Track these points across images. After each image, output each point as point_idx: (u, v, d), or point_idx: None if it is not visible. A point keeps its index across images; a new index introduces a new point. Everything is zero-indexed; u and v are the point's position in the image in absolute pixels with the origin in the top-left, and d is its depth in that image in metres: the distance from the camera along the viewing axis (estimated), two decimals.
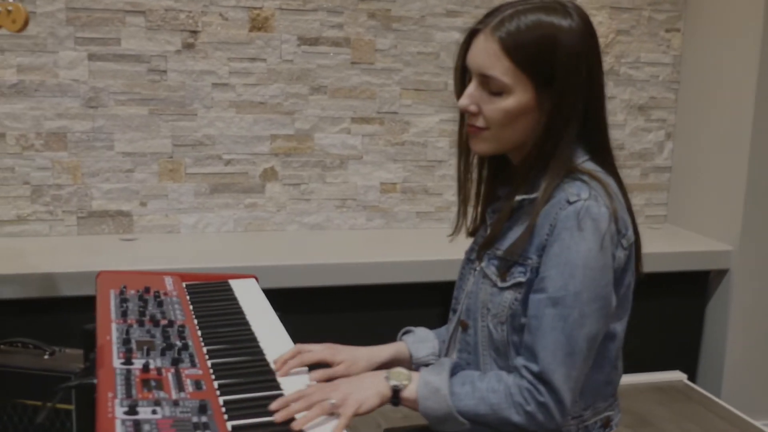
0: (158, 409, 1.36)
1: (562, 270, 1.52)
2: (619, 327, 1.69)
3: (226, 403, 1.45)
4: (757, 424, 3.40)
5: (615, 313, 1.64)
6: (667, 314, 3.79)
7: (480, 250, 1.72)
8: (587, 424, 1.68)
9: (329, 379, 1.67)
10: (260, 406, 1.46)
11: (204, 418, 1.35)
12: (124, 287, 1.93)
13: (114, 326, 1.70)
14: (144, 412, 1.34)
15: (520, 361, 1.56)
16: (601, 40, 3.81)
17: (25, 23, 2.33)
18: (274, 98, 3.54)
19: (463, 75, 1.67)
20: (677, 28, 3.98)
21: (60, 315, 2.99)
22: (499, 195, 1.75)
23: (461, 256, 1.85)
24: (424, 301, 3.29)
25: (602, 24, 3.86)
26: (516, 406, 1.53)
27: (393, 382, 1.59)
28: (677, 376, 3.77)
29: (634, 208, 3.99)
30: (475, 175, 1.77)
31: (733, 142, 3.67)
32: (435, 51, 3.68)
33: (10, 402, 2.49)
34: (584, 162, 1.63)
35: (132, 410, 1.34)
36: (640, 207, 4.10)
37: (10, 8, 2.32)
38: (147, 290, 1.93)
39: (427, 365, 1.84)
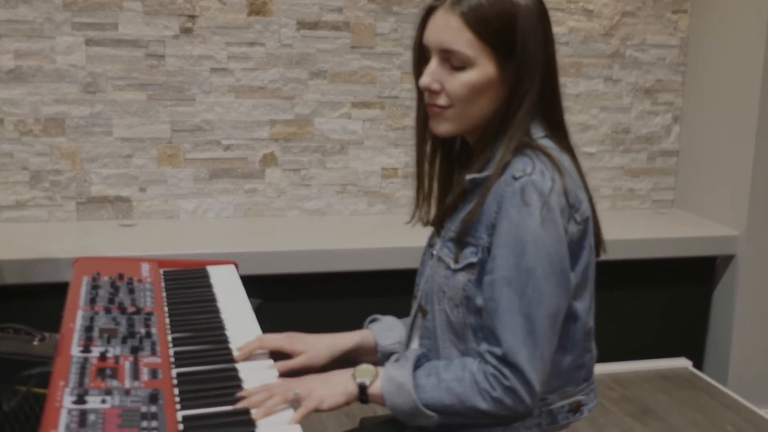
0: (108, 398, 1.34)
1: (513, 248, 1.48)
2: (581, 307, 1.62)
3: (181, 392, 1.43)
4: (762, 413, 3.35)
5: (575, 292, 1.58)
6: (673, 300, 3.74)
7: (434, 228, 1.71)
8: (552, 408, 1.64)
9: (292, 372, 1.64)
10: (215, 396, 1.44)
11: (153, 408, 1.32)
12: (98, 274, 1.92)
13: (80, 313, 1.69)
14: (93, 402, 1.32)
15: (483, 346, 1.53)
16: (606, 22, 3.80)
17: None
18: (273, 83, 3.52)
19: (420, 55, 1.63)
20: (684, 9, 3.90)
21: (55, 300, 2.98)
22: (460, 181, 1.70)
23: None
24: None
25: (607, 6, 3.79)
26: (482, 393, 1.49)
27: (359, 379, 1.56)
28: (682, 363, 3.72)
29: (640, 192, 3.98)
30: (428, 165, 1.75)
31: (741, 126, 3.60)
32: None
33: (9, 387, 2.49)
34: (540, 139, 1.59)
35: (81, 399, 1.32)
36: (647, 191, 4.04)
37: None
38: (120, 277, 1.92)
39: (392, 353, 1.81)
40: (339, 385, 1.56)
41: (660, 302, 3.73)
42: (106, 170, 3.42)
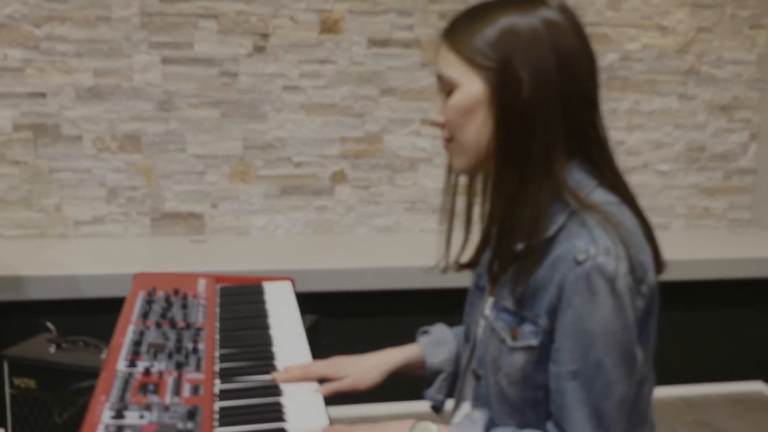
0: (146, 414, 1.36)
1: (579, 340, 1.37)
2: (648, 370, 1.52)
3: (221, 408, 1.45)
4: None
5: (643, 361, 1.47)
6: (748, 321, 3.65)
7: (490, 283, 1.57)
8: None
9: (337, 394, 1.64)
10: (255, 413, 1.45)
11: (190, 425, 1.34)
12: (153, 289, 1.95)
13: (131, 328, 1.72)
14: (131, 417, 1.35)
15: (552, 430, 1.45)
16: (681, 39, 3.73)
17: None
18: (344, 100, 3.55)
19: None
20: (762, 24, 3.82)
21: None
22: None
23: None
24: None
25: (682, 22, 3.73)
26: None
27: None
28: (757, 387, 3.62)
29: (716, 211, 3.89)
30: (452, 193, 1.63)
31: None
32: None
33: (70, 398, 2.56)
34: (592, 191, 1.44)
35: (119, 414, 1.34)
36: (722, 211, 3.96)
37: None
38: (176, 292, 1.95)
39: (440, 371, 1.79)
40: None
41: (736, 323, 3.64)
42: (179, 186, 3.49)
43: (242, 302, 1.99)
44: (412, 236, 3.66)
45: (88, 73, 3.36)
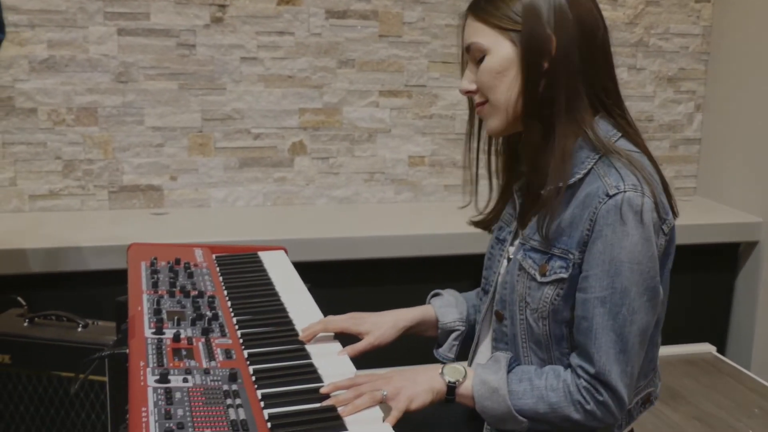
0: (189, 377, 1.38)
1: (608, 268, 1.49)
2: (662, 310, 1.63)
3: (255, 372, 1.47)
4: None
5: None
6: (697, 286, 3.78)
7: (514, 235, 1.70)
8: (629, 408, 1.64)
9: (360, 354, 1.68)
10: (289, 375, 1.48)
11: (234, 386, 1.37)
12: (155, 259, 1.95)
13: (145, 297, 1.73)
14: (175, 381, 1.36)
15: (575, 360, 1.54)
16: (630, 11, 3.82)
17: None
18: (302, 72, 3.55)
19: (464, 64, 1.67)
20: None
21: (92, 288, 3.03)
22: (522, 171, 1.71)
23: None
24: (453, 274, 3.30)
25: None
26: (575, 404, 1.52)
27: (448, 378, 1.56)
28: (706, 348, 3.76)
29: None
30: (485, 152, 1.76)
31: (764, 113, 3.63)
32: None
33: (45, 374, 2.53)
34: (617, 141, 1.57)
35: (163, 378, 1.36)
36: (669, 179, 3.98)
37: None
38: (177, 262, 1.96)
39: (453, 331, 1.85)
40: (426, 383, 1.55)
41: (684, 288, 3.75)
42: (137, 159, 3.45)
43: (243, 271, 2.01)
44: (371, 207, 3.69)
45: (42, 44, 3.29)
